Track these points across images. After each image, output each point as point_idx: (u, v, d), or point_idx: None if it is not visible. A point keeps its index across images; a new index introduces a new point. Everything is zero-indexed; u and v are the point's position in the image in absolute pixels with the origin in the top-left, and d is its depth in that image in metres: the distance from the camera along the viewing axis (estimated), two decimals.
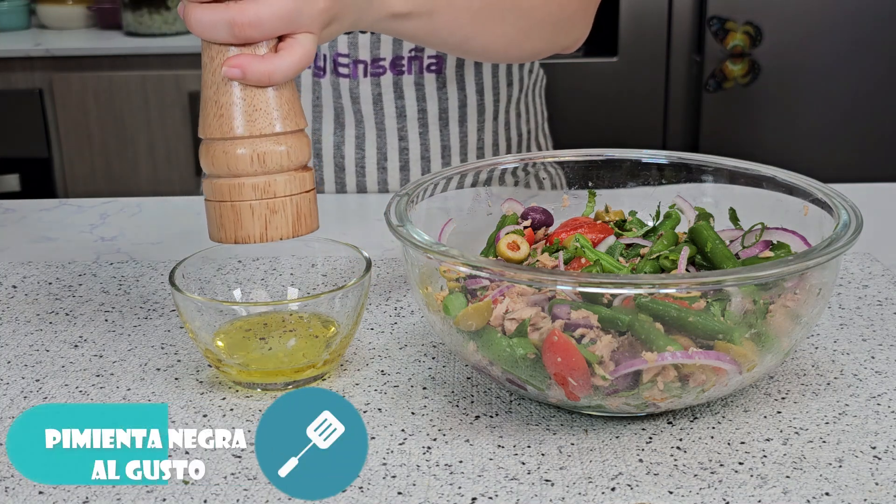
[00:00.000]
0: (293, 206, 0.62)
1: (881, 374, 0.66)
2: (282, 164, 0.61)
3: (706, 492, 0.54)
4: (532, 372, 0.58)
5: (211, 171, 0.62)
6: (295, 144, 0.62)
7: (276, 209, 0.62)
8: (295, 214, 0.62)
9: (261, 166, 0.61)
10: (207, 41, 0.60)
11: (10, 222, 1.03)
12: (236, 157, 0.60)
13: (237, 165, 0.61)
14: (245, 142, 0.60)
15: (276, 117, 0.61)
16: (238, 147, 0.60)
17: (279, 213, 0.62)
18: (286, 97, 0.62)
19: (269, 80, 0.60)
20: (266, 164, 0.61)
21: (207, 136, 0.61)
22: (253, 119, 0.60)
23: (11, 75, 2.34)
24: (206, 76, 0.61)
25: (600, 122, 2.32)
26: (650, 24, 2.27)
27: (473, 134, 1.10)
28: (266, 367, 0.65)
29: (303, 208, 0.63)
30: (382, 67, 1.04)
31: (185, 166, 2.37)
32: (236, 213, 0.61)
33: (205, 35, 0.60)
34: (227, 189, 0.61)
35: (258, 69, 0.60)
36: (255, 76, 0.60)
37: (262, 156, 0.61)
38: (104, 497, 0.54)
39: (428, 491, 0.54)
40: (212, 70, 0.60)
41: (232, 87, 0.60)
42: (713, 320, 0.56)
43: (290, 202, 0.62)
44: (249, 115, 0.60)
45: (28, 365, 0.70)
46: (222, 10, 0.59)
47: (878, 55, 2.24)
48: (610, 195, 0.76)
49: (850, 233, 0.59)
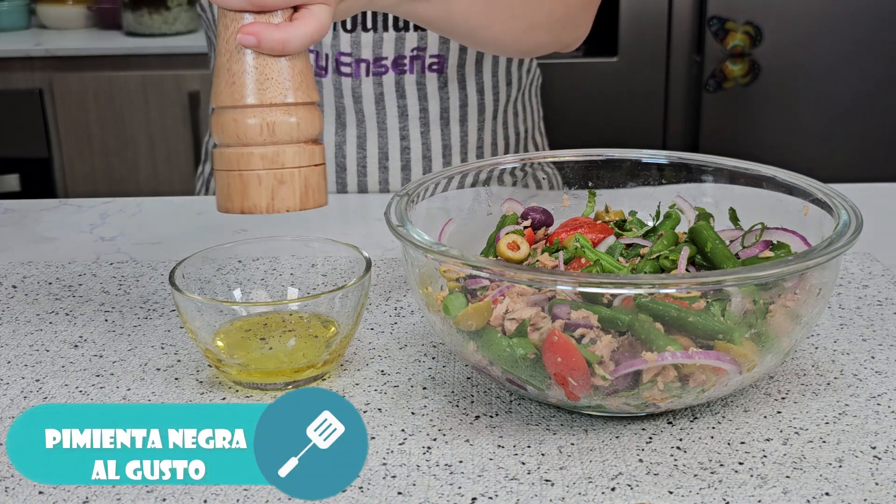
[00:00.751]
0: (301, 178, 0.62)
1: (881, 374, 0.66)
2: (291, 134, 0.61)
3: (706, 492, 0.54)
4: (532, 372, 0.58)
5: (221, 140, 0.62)
6: (306, 116, 0.62)
7: (283, 180, 0.61)
8: (303, 187, 0.62)
9: (270, 136, 0.60)
10: (223, 8, 0.60)
11: (10, 222, 1.03)
12: (246, 125, 0.60)
13: (246, 134, 0.60)
14: (255, 111, 0.60)
15: (287, 87, 0.61)
16: (248, 116, 0.60)
17: (287, 185, 0.61)
18: (299, 68, 0.61)
19: (282, 49, 0.60)
20: (275, 134, 0.60)
21: (219, 105, 0.61)
22: (264, 88, 0.60)
23: (11, 75, 2.34)
24: (220, 45, 0.61)
25: (600, 122, 2.32)
26: (650, 24, 2.27)
27: (474, 133, 1.11)
28: (266, 367, 0.65)
29: (311, 181, 0.62)
30: (385, 67, 1.05)
31: (185, 166, 2.37)
32: (244, 183, 0.61)
33: (223, 1, 0.60)
34: (235, 158, 0.61)
35: (273, 37, 0.60)
36: (270, 44, 0.60)
37: (272, 125, 0.60)
38: (104, 497, 0.54)
39: (428, 491, 0.54)
40: (226, 38, 0.60)
41: (245, 55, 0.60)
42: (713, 320, 0.56)
43: (298, 174, 0.61)
44: (261, 84, 0.60)
45: (28, 365, 0.70)
46: None
47: (878, 55, 2.24)
48: (610, 195, 0.76)
49: (850, 233, 0.59)
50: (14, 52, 2.32)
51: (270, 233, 0.90)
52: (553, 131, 1.26)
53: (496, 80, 1.10)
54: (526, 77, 1.16)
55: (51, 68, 2.33)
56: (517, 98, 1.15)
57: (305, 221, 1.06)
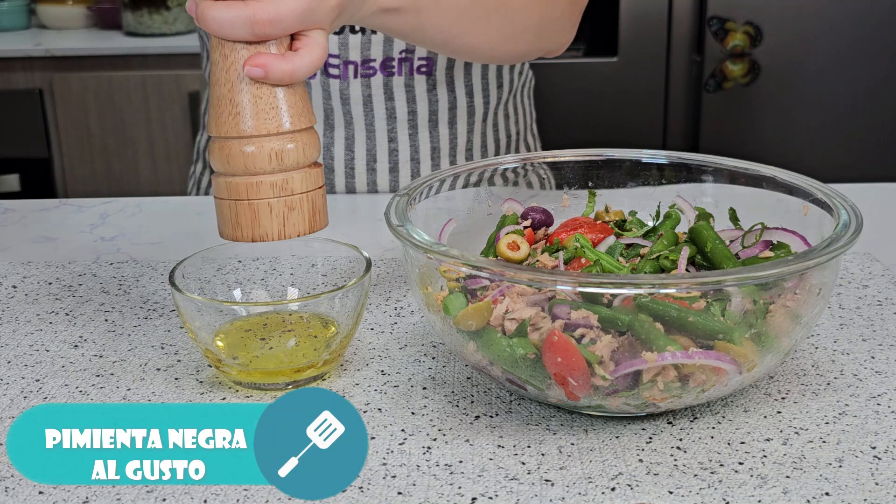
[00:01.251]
0: (309, 202, 0.63)
1: (881, 374, 0.66)
2: (297, 160, 0.62)
3: (706, 492, 0.54)
4: (532, 372, 0.58)
5: (225, 170, 0.62)
6: (308, 141, 0.62)
7: (293, 206, 0.62)
8: (311, 211, 0.63)
9: (279, 164, 0.61)
10: (222, 39, 0.60)
11: (10, 222, 1.03)
12: (254, 155, 0.60)
13: (255, 164, 0.61)
14: (262, 140, 0.61)
15: (290, 115, 0.61)
16: (255, 145, 0.60)
17: (296, 210, 0.62)
18: (299, 94, 0.62)
19: (290, 79, 0.60)
20: (283, 162, 0.61)
21: (222, 135, 0.61)
22: (269, 117, 0.61)
23: (11, 75, 2.34)
24: (218, 74, 0.61)
25: (600, 122, 2.32)
26: (650, 24, 2.27)
27: (463, 136, 1.10)
28: (266, 367, 0.65)
29: (317, 204, 0.63)
30: (373, 69, 1.04)
31: (185, 166, 2.37)
32: (254, 212, 0.62)
33: (222, 32, 0.60)
34: (244, 187, 0.61)
35: (280, 68, 0.60)
36: (278, 75, 0.60)
37: (280, 153, 0.61)
38: (104, 497, 0.54)
39: (428, 491, 0.54)
40: (225, 68, 0.60)
41: (245, 85, 0.60)
42: (713, 320, 0.56)
43: (306, 199, 0.63)
44: (266, 114, 0.60)
45: (28, 365, 0.70)
46: (241, 7, 0.59)
47: (878, 55, 2.24)
48: (610, 195, 0.76)
49: (850, 233, 0.59)
50: (14, 52, 2.32)
51: None
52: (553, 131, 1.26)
53: (486, 83, 1.10)
54: (518, 79, 1.15)
55: (51, 68, 2.33)
56: (508, 100, 1.14)
57: None
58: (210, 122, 0.62)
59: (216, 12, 0.59)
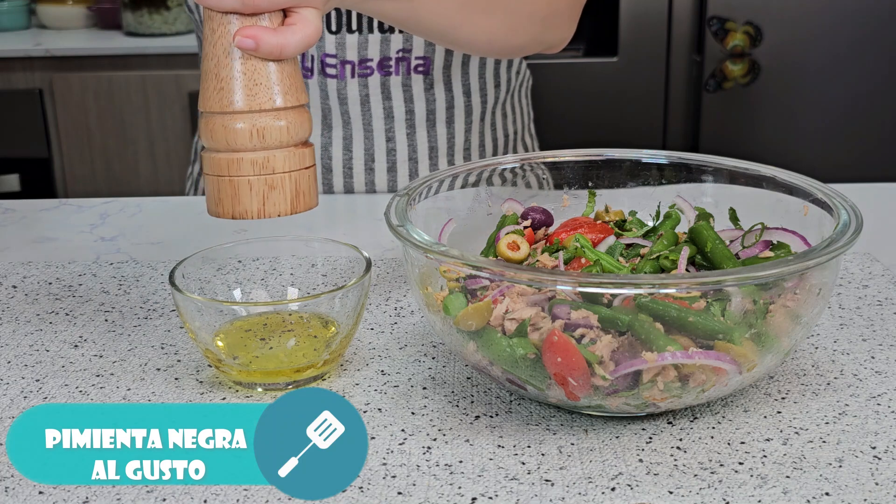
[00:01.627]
0: (292, 182, 0.62)
1: (881, 374, 0.66)
2: (281, 139, 0.61)
3: (706, 492, 0.54)
4: (532, 372, 0.58)
5: (210, 145, 0.62)
6: (295, 120, 0.61)
7: (274, 185, 0.61)
8: (294, 191, 0.62)
9: (260, 141, 0.60)
10: (213, 10, 0.60)
11: (10, 222, 1.03)
12: (235, 131, 0.60)
13: (236, 140, 0.60)
14: (245, 116, 0.60)
15: (276, 92, 0.60)
16: (237, 121, 0.60)
17: (277, 190, 0.61)
18: (287, 72, 0.61)
19: (279, 54, 0.60)
20: (265, 140, 0.60)
21: (207, 110, 0.61)
22: (253, 93, 0.60)
23: (11, 75, 2.34)
24: (207, 48, 0.60)
25: (600, 122, 2.32)
26: (650, 24, 2.27)
27: (461, 135, 1.10)
28: (266, 367, 0.65)
29: (301, 185, 0.62)
30: (370, 68, 1.04)
31: (185, 166, 2.37)
32: (234, 189, 0.61)
33: (213, 1, 0.59)
34: (225, 164, 0.61)
35: (271, 41, 0.59)
36: (267, 48, 0.59)
37: (262, 131, 0.60)
38: (104, 497, 0.54)
39: (428, 491, 0.54)
40: (213, 42, 0.60)
41: (233, 60, 0.60)
42: (713, 320, 0.56)
43: (288, 178, 0.61)
44: (250, 90, 0.60)
45: (28, 365, 0.70)
46: None
47: (878, 55, 2.24)
48: (610, 195, 0.76)
49: (850, 233, 0.59)
50: (14, 52, 2.32)
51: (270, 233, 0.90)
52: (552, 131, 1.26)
53: (483, 82, 1.10)
54: (515, 79, 1.15)
55: (51, 68, 2.33)
56: (506, 100, 1.14)
57: (305, 222, 1.06)
58: (199, 97, 0.62)
59: None
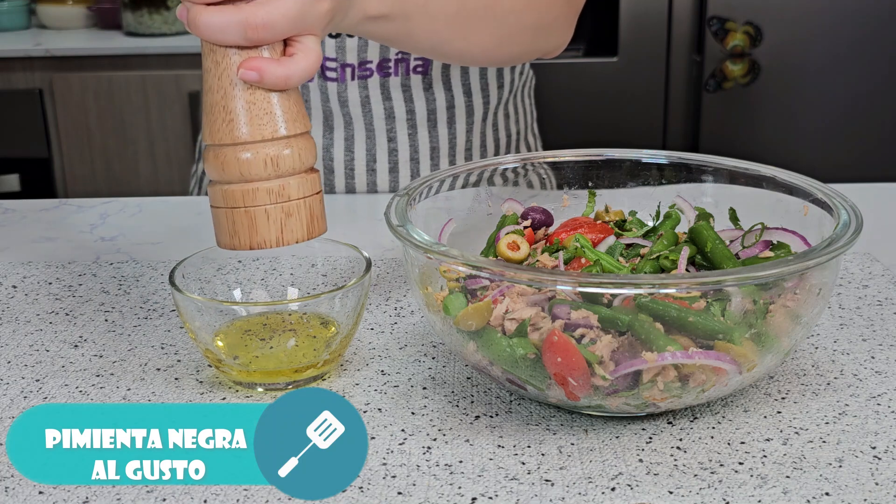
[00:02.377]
0: (307, 208, 0.62)
1: (881, 374, 0.66)
2: (294, 166, 0.61)
3: (706, 492, 0.54)
4: (532, 372, 0.58)
5: (221, 178, 0.61)
6: (304, 146, 0.62)
7: (290, 212, 0.61)
8: (309, 216, 0.62)
9: (274, 170, 0.60)
10: (214, 44, 0.60)
11: (10, 222, 1.03)
12: (249, 162, 0.60)
13: (250, 171, 0.60)
14: (257, 146, 0.60)
15: (285, 120, 0.61)
16: (250, 152, 0.60)
17: (294, 217, 0.62)
18: (293, 99, 0.61)
19: (285, 84, 0.60)
20: (279, 168, 0.61)
21: (217, 142, 0.61)
22: (263, 123, 0.60)
23: (11, 75, 2.34)
24: (210, 81, 0.60)
25: (600, 122, 2.32)
26: (650, 24, 2.27)
27: (462, 135, 1.10)
28: (266, 367, 0.65)
29: (315, 210, 0.63)
30: (369, 70, 1.04)
31: (185, 166, 2.37)
32: (251, 219, 0.61)
33: (214, 38, 0.59)
34: (240, 195, 0.61)
35: (276, 73, 0.59)
36: (273, 79, 0.59)
37: (276, 159, 0.60)
38: (104, 497, 0.54)
39: (428, 491, 0.54)
40: (217, 74, 0.60)
41: (239, 90, 0.60)
42: (713, 320, 0.56)
43: (303, 205, 0.62)
44: (260, 119, 0.60)
45: (28, 365, 0.70)
46: (234, 11, 0.58)
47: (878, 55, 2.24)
48: (610, 195, 0.76)
49: (850, 233, 0.59)
50: (14, 52, 2.32)
51: None
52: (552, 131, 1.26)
53: (485, 83, 1.10)
54: (518, 79, 1.15)
55: (51, 68, 2.33)
56: (509, 100, 1.14)
57: None
58: (204, 130, 0.62)
59: (208, 17, 0.58)
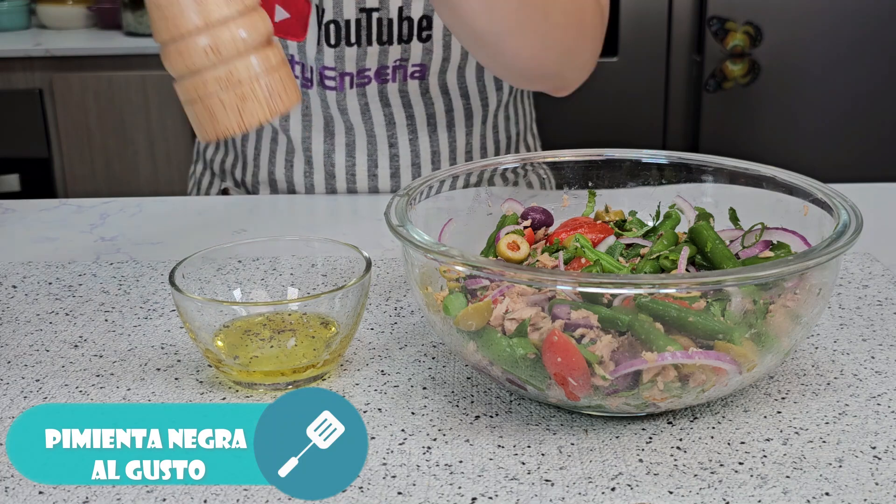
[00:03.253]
0: (263, 88, 0.59)
1: (881, 374, 0.66)
2: (238, 48, 0.58)
3: (706, 492, 0.54)
4: (532, 372, 0.58)
5: (174, 74, 0.60)
6: (248, 24, 0.59)
7: (245, 96, 0.59)
8: (267, 95, 0.60)
9: (217, 56, 0.58)
10: None
11: (10, 222, 1.03)
12: (189, 52, 0.58)
13: (193, 61, 0.58)
14: (194, 35, 0.58)
15: (220, 1, 0.58)
16: (189, 42, 0.58)
17: (250, 100, 0.59)
18: None
19: None
20: (222, 53, 0.58)
21: (160, 40, 0.59)
22: (197, 10, 0.58)
23: (11, 75, 2.34)
24: None
25: (600, 122, 2.32)
26: (650, 24, 2.27)
27: (462, 138, 1.10)
28: (266, 367, 0.65)
29: (275, 87, 0.60)
30: (368, 77, 1.05)
31: (185, 166, 2.37)
32: (208, 110, 0.59)
33: None
34: (192, 88, 0.59)
35: None
36: None
37: (216, 45, 0.58)
38: (104, 497, 0.54)
39: (428, 491, 0.54)
40: None
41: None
42: (713, 320, 0.56)
43: (258, 85, 0.59)
44: (192, 7, 0.58)
45: (28, 365, 0.70)
46: None
47: (878, 55, 2.24)
48: (610, 195, 0.76)
49: (850, 233, 0.59)
50: (14, 52, 2.32)
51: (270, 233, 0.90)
52: (552, 131, 1.26)
53: (482, 85, 1.10)
54: None
55: (51, 68, 2.33)
56: (508, 102, 1.14)
57: (306, 222, 1.06)
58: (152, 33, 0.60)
59: None
